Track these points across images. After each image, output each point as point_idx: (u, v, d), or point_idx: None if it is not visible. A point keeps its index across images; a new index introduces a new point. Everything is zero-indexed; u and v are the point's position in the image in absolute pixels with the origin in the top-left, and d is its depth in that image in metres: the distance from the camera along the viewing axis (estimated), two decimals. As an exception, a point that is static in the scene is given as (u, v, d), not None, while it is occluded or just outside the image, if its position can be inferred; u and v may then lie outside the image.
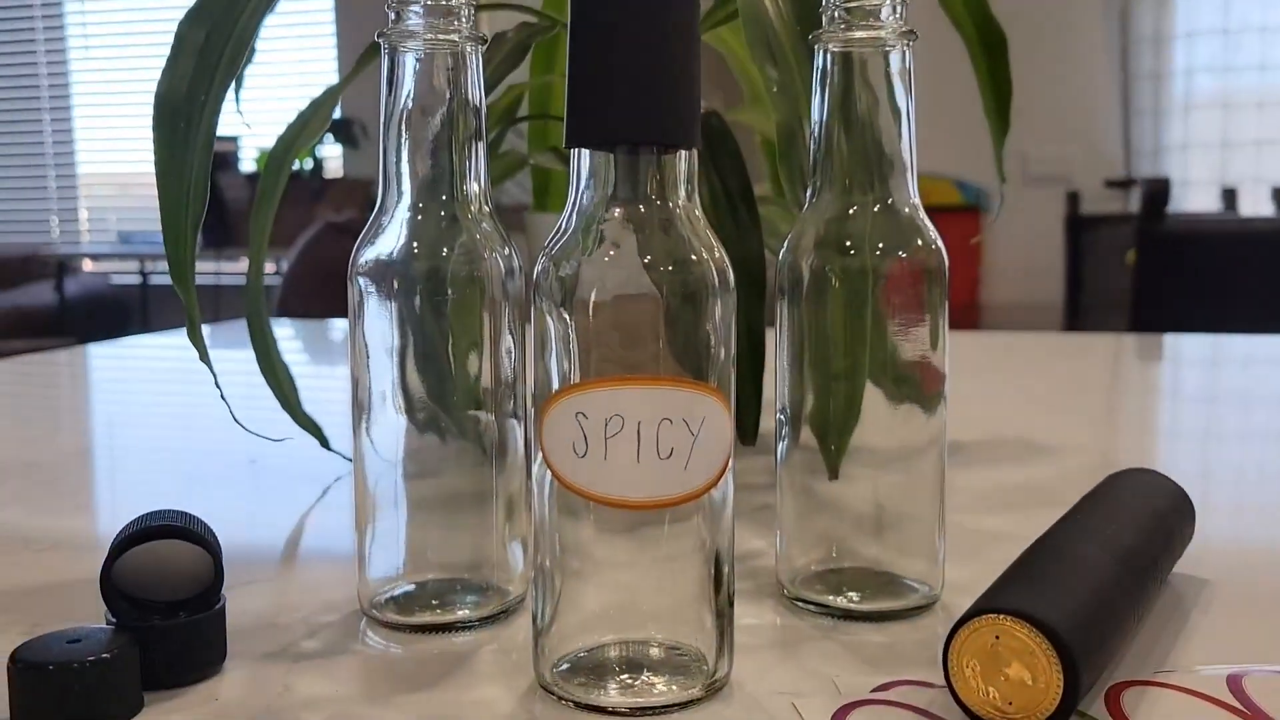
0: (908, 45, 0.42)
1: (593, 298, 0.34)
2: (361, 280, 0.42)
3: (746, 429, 0.59)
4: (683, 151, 0.35)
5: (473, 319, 0.42)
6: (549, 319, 0.35)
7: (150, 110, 0.51)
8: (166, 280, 0.53)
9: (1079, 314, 2.89)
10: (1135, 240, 2.16)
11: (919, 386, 0.43)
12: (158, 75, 0.51)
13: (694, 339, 0.35)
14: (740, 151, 0.60)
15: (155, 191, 0.50)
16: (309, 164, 3.65)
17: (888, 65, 0.42)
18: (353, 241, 0.43)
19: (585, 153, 0.35)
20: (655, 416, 0.34)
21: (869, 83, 0.42)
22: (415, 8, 0.41)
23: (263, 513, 0.61)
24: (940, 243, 0.43)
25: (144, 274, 3.81)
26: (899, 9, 0.42)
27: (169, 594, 0.38)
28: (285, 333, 1.42)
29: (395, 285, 0.42)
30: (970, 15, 0.64)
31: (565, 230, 0.36)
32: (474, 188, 0.43)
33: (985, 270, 3.33)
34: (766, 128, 0.71)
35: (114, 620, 0.37)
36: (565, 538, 0.36)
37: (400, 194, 0.42)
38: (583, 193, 0.35)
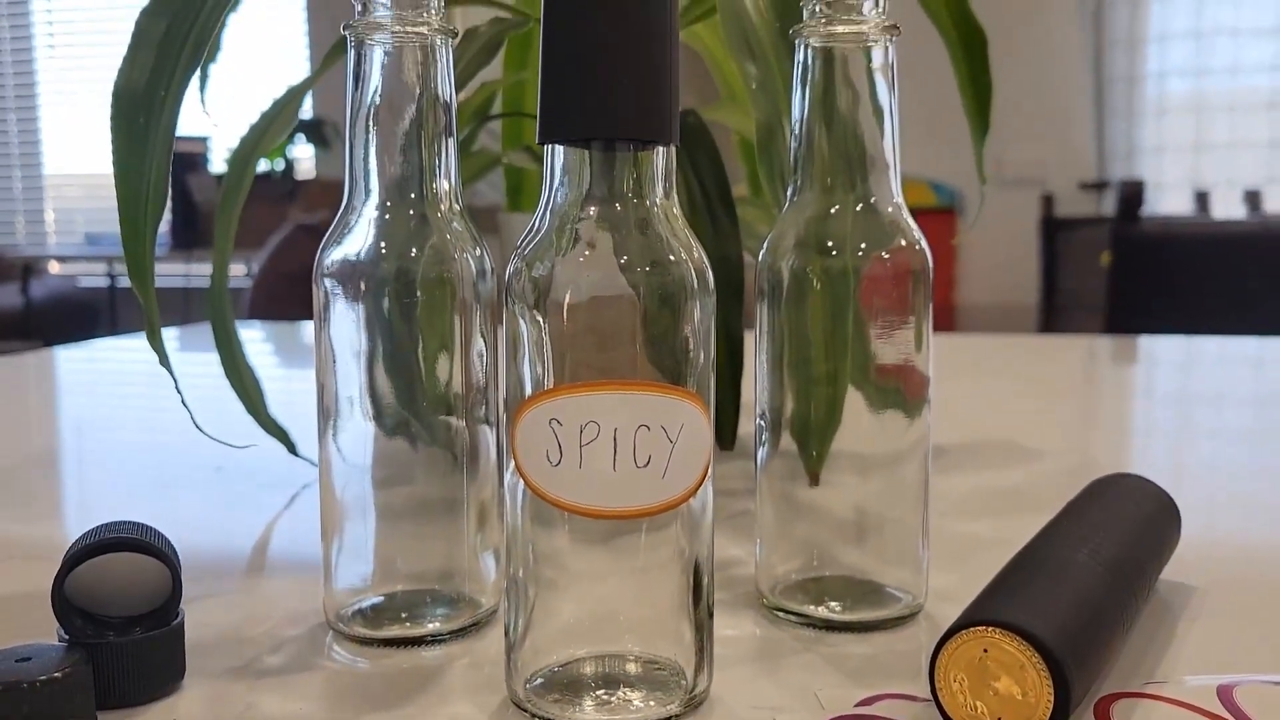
0: (890, 40, 0.41)
1: (567, 299, 0.33)
2: (328, 282, 0.41)
3: (725, 434, 0.58)
4: (660, 148, 0.34)
5: (443, 322, 0.41)
6: (521, 321, 0.34)
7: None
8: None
9: (1054, 315, 2.90)
10: (1110, 242, 2.17)
11: (902, 391, 0.42)
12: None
13: (672, 342, 0.34)
14: (718, 151, 0.58)
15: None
16: (280, 165, 3.61)
17: (870, 61, 0.41)
18: None
19: (559, 149, 0.34)
20: (632, 423, 0.32)
21: (850, 79, 0.41)
22: (383, -1, 0.39)
23: (227, 521, 0.60)
24: (924, 243, 0.42)
25: (111, 276, 3.75)
26: (881, 3, 0.41)
27: (125, 609, 0.36)
28: (254, 335, 1.40)
29: (362, 287, 0.40)
30: (950, 13, 0.62)
31: (539, 230, 0.34)
32: (444, 185, 0.41)
33: (960, 272, 3.34)
34: (743, 127, 0.70)
35: (66, 637, 0.35)
36: (539, 547, 0.35)
37: (368, 192, 0.41)
38: (556, 191, 0.34)
